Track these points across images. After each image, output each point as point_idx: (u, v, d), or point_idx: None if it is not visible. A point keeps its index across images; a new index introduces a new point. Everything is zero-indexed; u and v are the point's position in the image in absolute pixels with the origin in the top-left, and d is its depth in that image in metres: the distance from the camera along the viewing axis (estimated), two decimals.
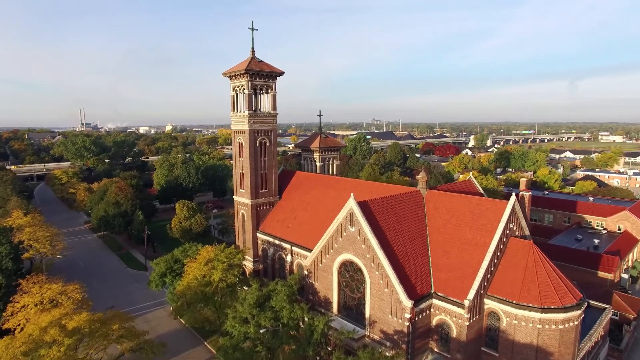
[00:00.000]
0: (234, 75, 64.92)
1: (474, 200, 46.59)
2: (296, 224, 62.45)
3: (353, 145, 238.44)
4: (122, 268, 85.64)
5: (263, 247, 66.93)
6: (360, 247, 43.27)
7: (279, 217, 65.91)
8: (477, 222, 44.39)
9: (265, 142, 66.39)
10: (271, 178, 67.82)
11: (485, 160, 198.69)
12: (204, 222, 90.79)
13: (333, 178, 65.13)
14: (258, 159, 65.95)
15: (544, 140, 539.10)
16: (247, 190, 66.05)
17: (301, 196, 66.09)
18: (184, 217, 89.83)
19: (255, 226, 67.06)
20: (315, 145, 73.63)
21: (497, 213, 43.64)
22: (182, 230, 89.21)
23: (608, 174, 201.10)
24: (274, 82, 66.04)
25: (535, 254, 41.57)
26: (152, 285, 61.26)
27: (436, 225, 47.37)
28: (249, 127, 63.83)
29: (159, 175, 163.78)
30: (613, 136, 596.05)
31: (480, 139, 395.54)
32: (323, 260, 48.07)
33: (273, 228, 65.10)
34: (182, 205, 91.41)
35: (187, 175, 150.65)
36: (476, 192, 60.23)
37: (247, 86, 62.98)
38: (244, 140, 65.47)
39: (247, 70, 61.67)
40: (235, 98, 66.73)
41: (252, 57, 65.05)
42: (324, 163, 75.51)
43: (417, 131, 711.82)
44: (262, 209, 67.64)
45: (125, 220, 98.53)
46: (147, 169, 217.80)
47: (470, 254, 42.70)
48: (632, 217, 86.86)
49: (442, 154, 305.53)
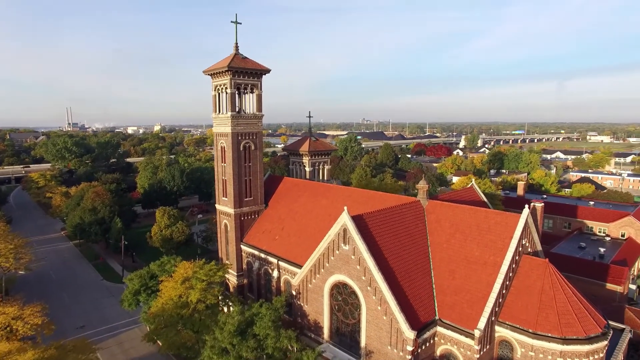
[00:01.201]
0: (215, 73, 59.43)
1: (480, 212, 41.79)
2: (284, 235, 57.17)
3: (344, 146, 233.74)
4: (97, 280, 79.51)
5: (248, 261, 61.52)
6: (354, 267, 38.16)
7: (265, 228, 60.58)
8: (485, 237, 39.60)
9: (249, 146, 60.98)
10: (256, 185, 62.44)
11: (479, 162, 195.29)
12: (186, 231, 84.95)
13: (324, 185, 59.99)
14: (242, 164, 60.52)
15: (533, 140, 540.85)
16: (230, 198, 60.58)
17: (289, 205, 60.83)
18: (164, 225, 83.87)
19: (239, 237, 61.61)
20: (304, 148, 68.41)
21: (507, 228, 38.90)
22: (163, 239, 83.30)
23: (601, 175, 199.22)
24: (260, 81, 60.69)
25: (552, 274, 36.89)
26: (125, 305, 55.48)
27: (439, 240, 42.48)
28: (232, 130, 58.39)
29: (142, 178, 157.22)
30: (601, 136, 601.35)
31: (471, 139, 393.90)
32: (313, 280, 42.90)
33: (258, 240, 59.73)
34: (163, 212, 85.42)
35: (172, 179, 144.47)
36: (479, 200, 55.66)
37: (230, 85, 57.53)
38: (226, 144, 60.01)
39: (229, 67, 56.23)
40: (217, 98, 61.24)
41: (235, 53, 59.61)
42: (313, 168, 70.34)
43: (408, 131, 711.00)
44: (246, 218, 62.22)
45: (102, 227, 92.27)
46: (131, 171, 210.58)
47: (478, 274, 37.86)
48: (637, 222, 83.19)
49: (434, 154, 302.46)
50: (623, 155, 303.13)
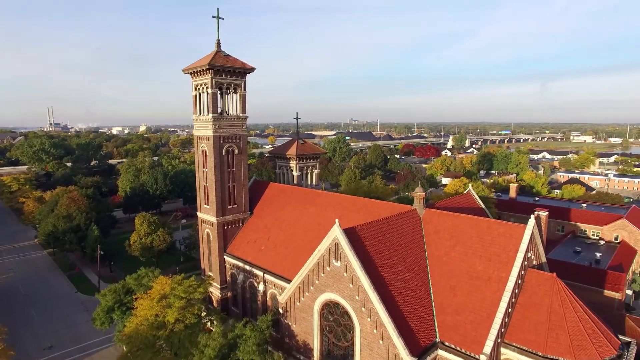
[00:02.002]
0: (195, 71, 55.44)
1: (482, 223, 38.76)
2: (270, 246, 53.46)
3: (332, 147, 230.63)
4: (71, 293, 74.45)
5: (232, 272, 57.62)
6: (347, 286, 34.70)
7: (250, 237, 56.77)
8: (489, 250, 36.55)
9: (233, 150, 57.10)
10: (241, 191, 58.58)
11: (468, 163, 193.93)
12: (167, 239, 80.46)
13: (312, 192, 56.44)
14: (225, 169, 56.60)
15: (519, 140, 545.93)
16: (213, 206, 56.62)
17: (276, 213, 57.13)
18: (144, 233, 79.28)
19: (222, 248, 57.67)
20: (291, 152, 64.77)
21: (512, 240, 35.92)
22: (142, 247, 78.72)
23: (588, 175, 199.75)
24: (243, 81, 56.87)
25: (560, 290, 33.99)
26: (97, 324, 51.00)
27: (437, 253, 39.31)
28: (214, 133, 54.45)
29: (124, 181, 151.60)
30: (584, 136, 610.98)
31: (459, 140, 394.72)
32: (301, 298, 39.32)
33: (243, 250, 55.90)
34: (142, 219, 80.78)
35: (154, 182, 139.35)
36: (477, 207, 52.86)
37: (211, 84, 53.61)
38: (207, 148, 56.03)
39: (210, 65, 52.30)
40: (198, 99, 57.24)
41: (217, 50, 55.69)
42: (301, 172, 66.75)
43: (396, 131, 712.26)
44: (230, 227, 58.31)
45: (77, 236, 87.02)
46: (114, 174, 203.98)
47: (482, 291, 34.77)
48: (630, 226, 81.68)
49: (422, 155, 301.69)
50: (606, 156, 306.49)
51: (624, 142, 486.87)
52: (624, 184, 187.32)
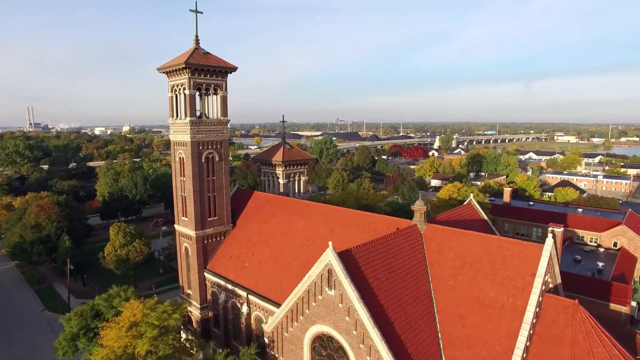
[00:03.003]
0: (171, 70, 50.25)
1: (492, 241, 34.62)
2: (254, 262, 48.62)
3: (319, 148, 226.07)
4: (37, 311, 68.30)
5: (213, 291, 52.56)
6: (342, 318, 30.15)
7: (233, 253, 51.80)
8: (501, 274, 32.42)
9: (213, 156, 52.04)
10: (222, 202, 53.55)
11: (457, 164, 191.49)
12: (144, 250, 74.76)
13: (301, 203, 51.73)
14: (204, 178, 51.52)
15: (505, 140, 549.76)
16: (191, 218, 51.48)
17: (260, 225, 52.29)
18: (119, 244, 73.49)
19: (202, 264, 52.57)
20: (277, 158, 59.98)
21: (527, 262, 31.85)
22: (117, 260, 72.95)
23: (576, 176, 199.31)
24: (225, 81, 51.87)
25: (584, 320, 30.02)
26: (59, 353, 45.38)
27: (442, 275, 35.05)
28: (192, 139, 49.36)
29: (102, 185, 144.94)
30: (567, 136, 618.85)
31: (445, 140, 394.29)
32: (289, 329, 34.62)
33: (225, 267, 50.91)
34: (117, 229, 74.91)
35: (134, 186, 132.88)
36: (479, 219, 48.89)
37: (189, 85, 48.50)
38: (185, 154, 50.88)
39: (187, 64, 47.19)
40: (175, 100, 52.07)
41: (195, 47, 50.60)
42: (288, 179, 62.01)
43: (382, 131, 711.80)
44: (210, 241, 53.24)
45: (47, 247, 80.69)
46: (94, 177, 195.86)
47: (495, 322, 30.60)
48: (630, 232, 79.01)
49: (410, 155, 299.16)
50: (591, 156, 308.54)
51: (606, 142, 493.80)
52: (612, 185, 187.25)
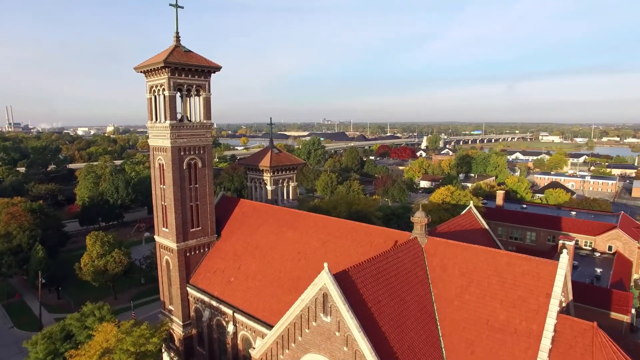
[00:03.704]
0: (149, 70, 46.40)
1: (500, 257, 31.82)
2: (240, 277, 45.11)
3: (307, 149, 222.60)
4: (4, 329, 63.55)
5: (196, 307, 48.87)
6: (340, 348, 26.95)
7: (217, 266, 48.19)
8: (512, 294, 29.63)
9: (196, 162, 48.32)
10: (205, 211, 49.85)
11: (446, 165, 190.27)
12: (124, 260, 70.58)
13: (290, 212, 48.36)
14: (186, 186, 47.77)
15: (491, 140, 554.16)
16: (172, 229, 47.69)
17: (247, 236, 48.78)
18: (96, 255, 69.13)
19: (184, 278, 48.83)
20: (265, 163, 56.50)
21: (540, 281, 29.12)
22: (95, 271, 68.61)
23: (563, 177, 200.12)
24: (208, 81, 48.20)
25: (605, 345, 27.41)
26: None
27: (447, 295, 32.12)
28: (172, 144, 45.58)
29: (82, 189, 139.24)
30: (552, 136, 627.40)
31: (433, 140, 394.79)
32: (280, 356, 31.28)
33: (209, 282, 47.28)
34: (95, 238, 70.49)
35: (115, 191, 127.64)
36: (480, 228, 46.31)
37: (168, 86, 44.74)
38: (165, 161, 47.06)
39: (166, 63, 43.44)
40: (154, 102, 48.16)
41: (175, 45, 46.84)
42: (276, 186, 58.58)
43: (369, 131, 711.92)
44: (193, 253, 49.53)
45: (18, 258, 75.67)
46: (74, 180, 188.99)
47: (508, 348, 27.78)
48: (625, 236, 77.75)
49: (398, 156, 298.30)
50: (576, 156, 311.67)
51: (589, 142, 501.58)
52: (599, 185, 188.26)
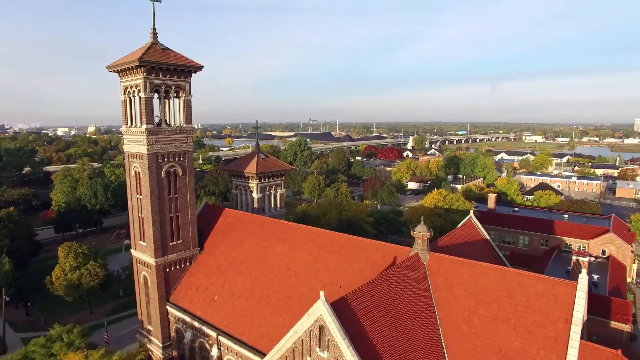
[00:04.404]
0: (123, 69, 42.41)
1: (511, 276, 29.06)
2: (225, 295, 41.52)
3: (293, 150, 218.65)
4: None
5: (177, 327, 45.05)
6: None
7: (200, 282, 44.48)
8: (526, 318, 26.86)
9: (175, 170, 44.51)
10: (187, 223, 46.06)
11: (434, 166, 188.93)
12: (100, 273, 65.95)
13: (279, 223, 44.96)
14: (165, 196, 43.92)
15: (476, 140, 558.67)
16: (150, 243, 43.77)
17: (232, 250, 45.19)
18: (69, 268, 64.41)
19: (163, 296, 44.96)
20: (251, 170, 52.95)
21: (557, 304, 26.44)
22: (68, 285, 63.89)
23: (549, 177, 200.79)
24: (188, 82, 44.43)
25: None
26: None
27: (454, 319, 29.20)
28: (149, 150, 41.70)
29: (58, 194, 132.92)
30: (535, 136, 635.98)
31: (419, 141, 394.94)
32: None
33: (191, 300, 43.55)
34: (67, 250, 65.72)
35: (93, 195, 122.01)
36: (481, 239, 43.64)
37: (144, 87, 40.84)
38: (141, 169, 43.14)
39: (141, 61, 39.55)
40: (129, 105, 44.19)
41: (152, 42, 42.96)
42: (263, 193, 55.08)
43: (355, 131, 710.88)
44: (174, 268, 45.69)
45: None
46: (50, 183, 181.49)
47: None
48: (618, 240, 76.46)
49: (385, 157, 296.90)
50: (559, 156, 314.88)
51: (571, 142, 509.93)
52: (584, 185, 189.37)
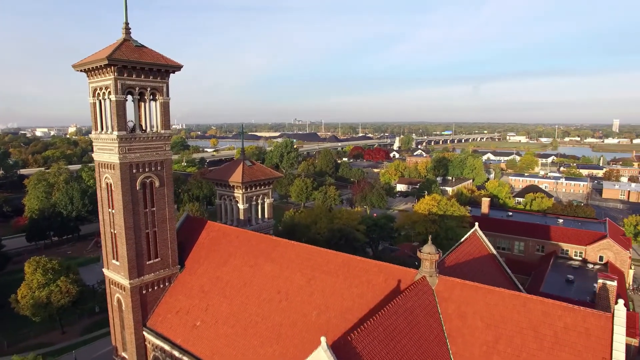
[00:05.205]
0: (91, 69, 37.76)
1: (534, 305, 25.68)
2: (208, 320, 37.28)
3: (279, 152, 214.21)
4: None
5: (155, 356, 40.59)
6: None
7: (181, 305, 40.12)
8: (556, 356, 23.49)
9: (152, 181, 40.02)
10: (166, 238, 41.60)
11: (423, 168, 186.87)
12: (72, 289, 60.75)
13: (268, 239, 40.87)
14: (140, 210, 39.40)
15: (461, 140, 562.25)
16: (124, 262, 39.21)
17: (216, 268, 40.96)
18: (37, 285, 59.10)
19: (139, 321, 40.44)
20: (236, 179, 48.67)
21: (591, 340, 23.14)
22: (35, 304, 58.59)
23: (537, 178, 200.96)
24: (165, 83, 39.98)
25: None
26: None
27: (470, 355, 25.66)
28: (121, 160, 37.15)
29: (32, 199, 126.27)
30: (518, 136, 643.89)
31: (406, 141, 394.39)
32: None
33: (170, 325, 39.15)
34: (35, 265, 60.36)
35: (69, 201, 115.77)
36: (487, 254, 40.41)
37: (115, 88, 36.27)
38: (113, 180, 38.55)
39: (111, 60, 34.97)
40: (99, 108, 39.52)
41: (124, 38, 38.38)
42: (250, 204, 50.89)
43: (340, 132, 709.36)
44: (151, 290, 41.20)
45: None
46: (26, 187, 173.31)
47: None
48: (616, 246, 74.58)
49: (372, 158, 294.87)
50: (544, 157, 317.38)
51: (554, 142, 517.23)
52: (571, 186, 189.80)
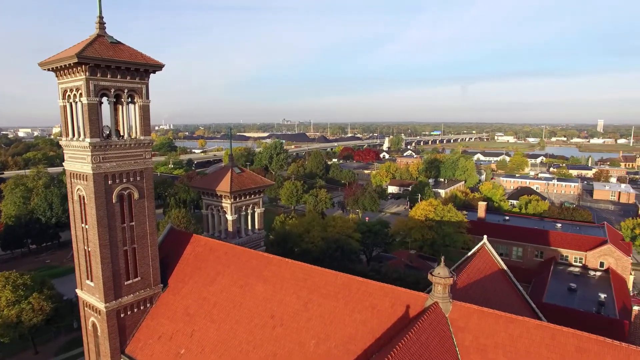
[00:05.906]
0: (59, 67, 33.67)
1: (566, 338, 22.60)
2: (194, 348, 33.53)
3: (268, 154, 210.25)
4: None
5: None
6: None
7: (164, 330, 36.26)
8: None
9: (130, 193, 36.06)
10: (146, 255, 37.66)
11: (414, 169, 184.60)
12: (46, 306, 56.16)
13: (260, 256, 37.22)
14: (117, 225, 35.40)
15: (450, 140, 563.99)
16: (99, 284, 35.20)
17: (202, 288, 37.19)
18: (6, 303, 54.37)
19: (117, 348, 36.45)
20: (224, 188, 44.89)
21: None
22: (3, 324, 53.83)
23: (528, 179, 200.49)
24: (145, 83, 36.02)
25: None
26: None
27: None
28: (94, 170, 33.15)
29: (8, 205, 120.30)
30: (506, 136, 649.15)
31: (395, 142, 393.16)
32: None
33: (152, 352, 35.29)
34: (4, 281, 55.57)
35: (48, 207, 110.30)
36: (498, 269, 37.33)
37: (87, 90, 32.24)
38: (86, 192, 34.52)
39: (81, 58, 30.93)
40: (69, 111, 35.40)
41: (97, 34, 34.34)
42: (239, 214, 47.16)
43: (329, 132, 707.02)
44: (130, 313, 37.24)
45: None
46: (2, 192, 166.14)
47: None
48: (617, 251, 72.65)
49: (362, 159, 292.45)
50: (533, 157, 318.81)
51: (541, 142, 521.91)
52: (562, 188, 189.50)
